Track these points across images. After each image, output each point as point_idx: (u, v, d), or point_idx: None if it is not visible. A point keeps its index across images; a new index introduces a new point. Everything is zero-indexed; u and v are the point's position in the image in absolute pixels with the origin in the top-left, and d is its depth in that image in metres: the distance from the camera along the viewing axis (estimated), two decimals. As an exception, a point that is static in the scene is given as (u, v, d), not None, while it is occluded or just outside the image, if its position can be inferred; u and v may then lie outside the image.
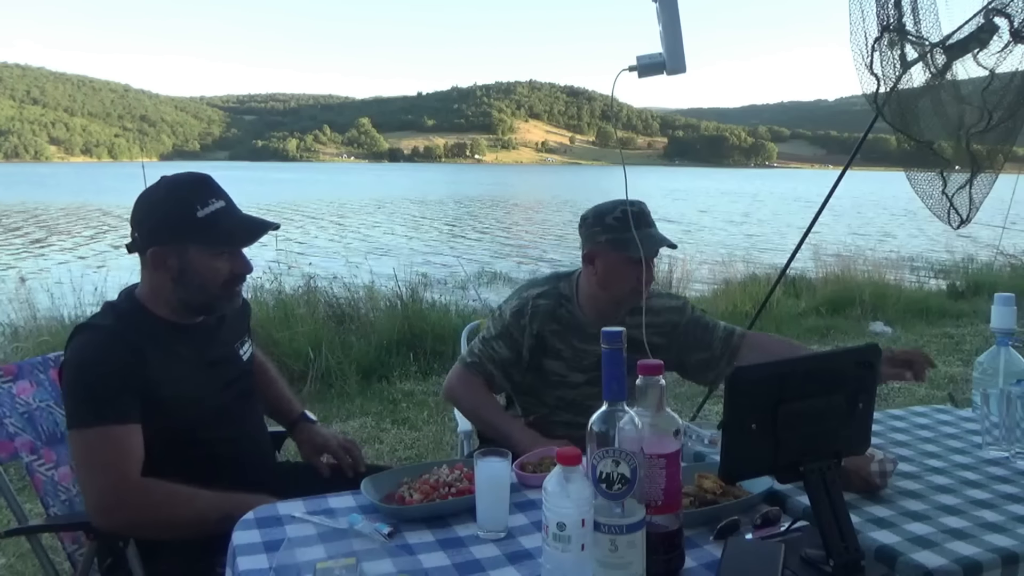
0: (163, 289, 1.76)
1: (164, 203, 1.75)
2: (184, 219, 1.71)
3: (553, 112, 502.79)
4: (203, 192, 1.75)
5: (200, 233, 1.72)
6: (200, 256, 1.73)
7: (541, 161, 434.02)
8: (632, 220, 2.11)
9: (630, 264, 2.13)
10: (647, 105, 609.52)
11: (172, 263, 1.73)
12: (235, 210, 1.80)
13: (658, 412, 1.21)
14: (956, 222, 3.05)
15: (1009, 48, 2.75)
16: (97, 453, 1.61)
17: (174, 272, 1.74)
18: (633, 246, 2.09)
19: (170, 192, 1.76)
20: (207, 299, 1.78)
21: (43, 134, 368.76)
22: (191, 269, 1.73)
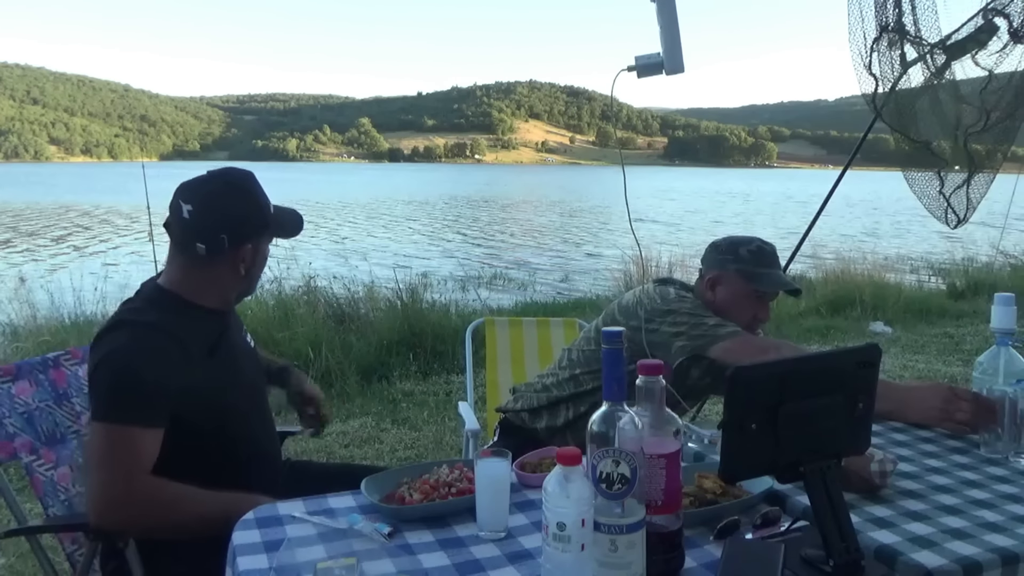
0: (223, 282, 1.81)
1: (247, 203, 1.82)
2: (263, 215, 1.82)
3: (553, 112, 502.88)
4: (261, 188, 1.86)
5: (274, 227, 1.85)
6: (263, 248, 1.86)
7: (541, 161, 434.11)
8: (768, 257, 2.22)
9: (754, 298, 2.21)
10: (647, 105, 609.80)
11: (248, 258, 1.81)
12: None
13: (658, 412, 1.21)
14: (953, 222, 3.05)
15: (1008, 48, 2.75)
16: (114, 451, 1.60)
17: (248, 265, 1.82)
18: (766, 281, 2.19)
19: (243, 189, 1.82)
20: (254, 287, 1.92)
21: (43, 134, 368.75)
22: (260, 261, 1.86)
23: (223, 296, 1.84)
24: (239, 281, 1.83)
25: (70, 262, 13.83)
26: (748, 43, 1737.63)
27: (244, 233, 1.78)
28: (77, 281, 6.40)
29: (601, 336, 1.24)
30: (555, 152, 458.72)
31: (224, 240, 1.75)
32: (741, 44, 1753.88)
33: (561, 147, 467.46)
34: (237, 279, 1.82)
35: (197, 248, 1.74)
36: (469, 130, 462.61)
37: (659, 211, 29.90)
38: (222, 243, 1.75)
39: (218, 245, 1.75)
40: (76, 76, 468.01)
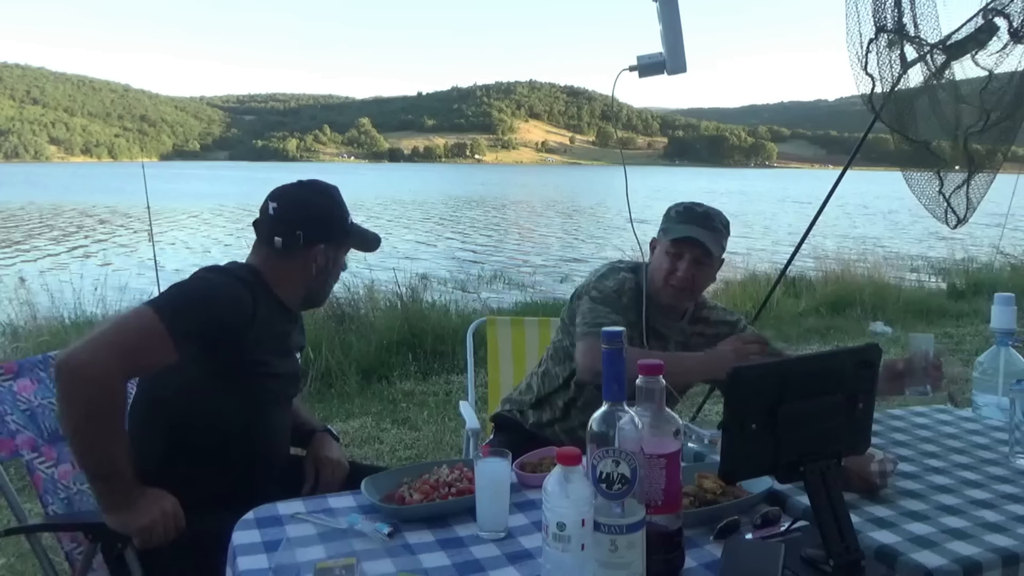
0: (294, 278, 1.92)
1: (326, 207, 1.96)
2: (344, 224, 1.97)
3: (553, 112, 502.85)
4: (345, 203, 2.00)
5: (352, 238, 1.99)
6: (339, 257, 1.99)
7: (541, 161, 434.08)
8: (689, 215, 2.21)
9: (668, 254, 2.21)
10: (647, 105, 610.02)
11: (322, 260, 1.93)
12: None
13: (658, 412, 1.21)
14: (953, 222, 3.05)
15: (1008, 48, 2.75)
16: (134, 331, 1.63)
17: (320, 267, 1.92)
18: (671, 232, 2.19)
19: (328, 197, 1.97)
20: (325, 294, 2.03)
21: (43, 134, 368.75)
22: (332, 268, 1.97)
23: (294, 292, 1.93)
24: (309, 280, 1.93)
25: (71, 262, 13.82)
26: (748, 43, 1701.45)
27: (319, 234, 1.91)
28: (77, 281, 6.41)
29: (601, 336, 1.24)
30: (555, 152, 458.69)
31: (300, 236, 1.89)
32: (741, 44, 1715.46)
33: (561, 147, 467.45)
34: (307, 278, 1.92)
35: (275, 241, 1.89)
36: (469, 130, 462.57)
37: (653, 211, 29.71)
38: (298, 239, 1.89)
39: (294, 240, 1.89)
40: (76, 76, 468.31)
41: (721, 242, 2.22)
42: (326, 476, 2.00)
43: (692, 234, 2.16)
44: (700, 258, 2.18)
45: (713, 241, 2.18)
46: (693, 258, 2.18)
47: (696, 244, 2.16)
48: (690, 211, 2.22)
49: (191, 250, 16.22)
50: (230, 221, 24.45)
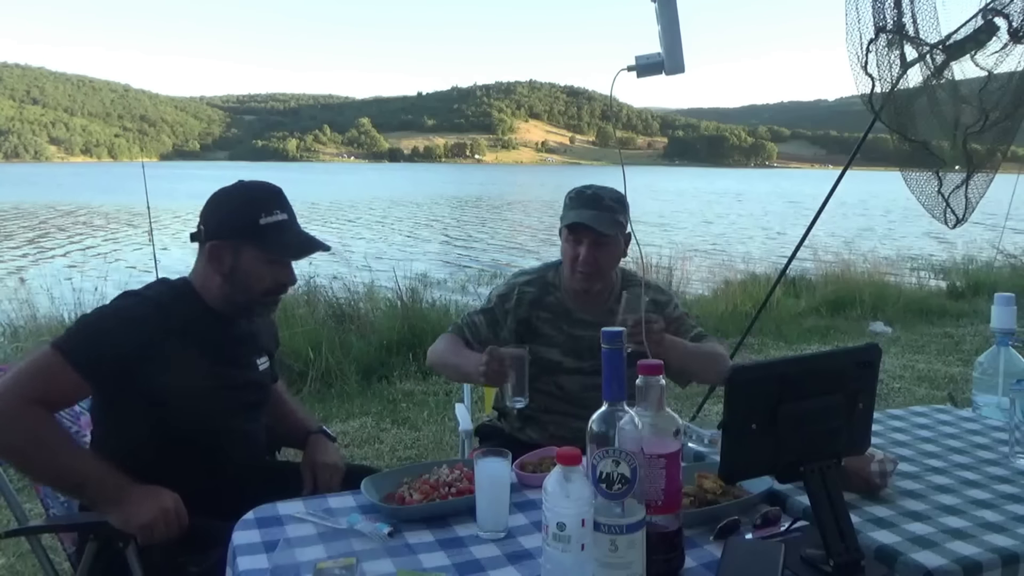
0: (212, 282, 1.86)
1: (233, 203, 1.88)
2: (247, 222, 1.83)
3: (553, 112, 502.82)
4: (271, 202, 1.87)
5: (258, 238, 1.83)
6: (252, 260, 1.84)
7: (541, 161, 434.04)
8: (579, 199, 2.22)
9: (568, 241, 2.23)
10: (647, 105, 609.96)
11: (227, 260, 1.84)
12: (295, 226, 1.91)
13: (658, 412, 1.21)
14: (952, 222, 3.05)
15: (1007, 48, 2.75)
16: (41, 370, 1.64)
17: (226, 269, 1.84)
18: (564, 219, 2.23)
19: (241, 195, 1.89)
20: (248, 301, 1.88)
21: (43, 134, 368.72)
22: (241, 269, 1.84)
23: (215, 296, 1.86)
24: (224, 283, 1.84)
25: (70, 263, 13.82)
26: (748, 43, 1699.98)
27: (220, 231, 1.84)
28: (77, 281, 6.41)
29: (601, 336, 1.24)
30: (555, 152, 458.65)
31: (202, 231, 1.86)
32: (741, 44, 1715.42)
33: (561, 147, 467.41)
34: (219, 279, 1.84)
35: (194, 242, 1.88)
36: (469, 130, 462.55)
37: (646, 211, 29.82)
38: (200, 233, 1.86)
39: (198, 234, 1.87)
40: (76, 76, 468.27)
41: (615, 219, 2.22)
42: (324, 480, 1.97)
43: (580, 220, 2.18)
44: (596, 240, 2.19)
45: (604, 221, 2.18)
46: (590, 241, 2.19)
47: (587, 228, 2.18)
48: (580, 195, 2.25)
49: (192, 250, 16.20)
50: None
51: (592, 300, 2.29)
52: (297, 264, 1.96)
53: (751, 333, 5.03)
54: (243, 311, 1.90)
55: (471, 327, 2.31)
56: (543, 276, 2.36)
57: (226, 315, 1.88)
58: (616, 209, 2.23)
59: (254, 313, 1.93)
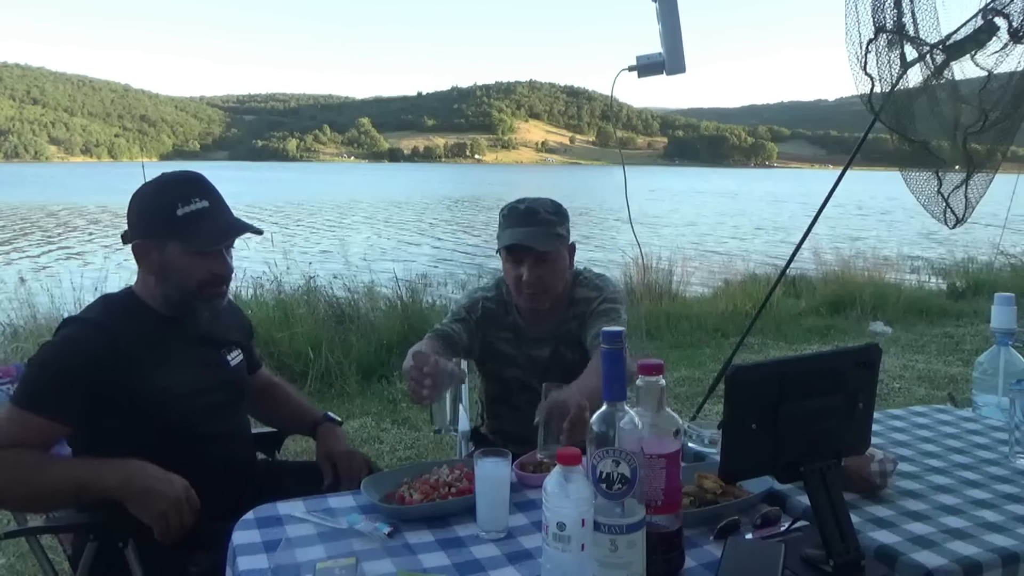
0: (150, 283, 1.81)
1: (150, 198, 1.80)
2: (164, 215, 1.75)
3: (553, 112, 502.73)
4: (187, 191, 1.78)
5: (177, 231, 1.74)
6: (178, 254, 1.76)
7: (541, 161, 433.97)
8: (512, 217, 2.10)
9: (508, 261, 2.12)
10: (647, 105, 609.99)
11: (154, 258, 1.78)
12: (219, 211, 1.81)
13: (658, 412, 1.21)
14: (952, 222, 3.05)
15: (1007, 49, 2.75)
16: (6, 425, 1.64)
17: (155, 267, 1.78)
18: (500, 241, 2.11)
19: (158, 188, 1.80)
20: (185, 297, 1.79)
21: (43, 134, 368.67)
22: (170, 266, 1.77)
23: (154, 297, 1.81)
24: (157, 282, 1.79)
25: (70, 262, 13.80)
26: (748, 43, 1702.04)
27: (141, 229, 1.78)
28: (77, 281, 6.40)
29: (601, 336, 1.24)
30: (555, 152, 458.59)
31: (127, 233, 1.81)
32: (741, 44, 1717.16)
33: (561, 147, 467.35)
34: (152, 279, 1.79)
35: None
36: (469, 130, 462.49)
37: (652, 211, 29.73)
38: (126, 236, 1.81)
39: (126, 236, 1.81)
40: (76, 76, 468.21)
41: (554, 231, 2.09)
42: (346, 469, 1.94)
43: (516, 240, 2.06)
44: (538, 257, 2.07)
45: (542, 237, 2.07)
46: (532, 260, 2.07)
47: (527, 250, 2.06)
48: (513, 212, 2.11)
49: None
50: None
51: (544, 317, 2.19)
52: (298, 264, 1.93)
53: (751, 333, 5.02)
54: (184, 309, 1.81)
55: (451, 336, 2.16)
56: (499, 293, 2.25)
57: (176, 318, 1.82)
58: (554, 221, 2.11)
59: (196, 310, 1.83)
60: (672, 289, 8.22)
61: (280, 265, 6.51)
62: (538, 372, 2.20)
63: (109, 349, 1.68)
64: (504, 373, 2.25)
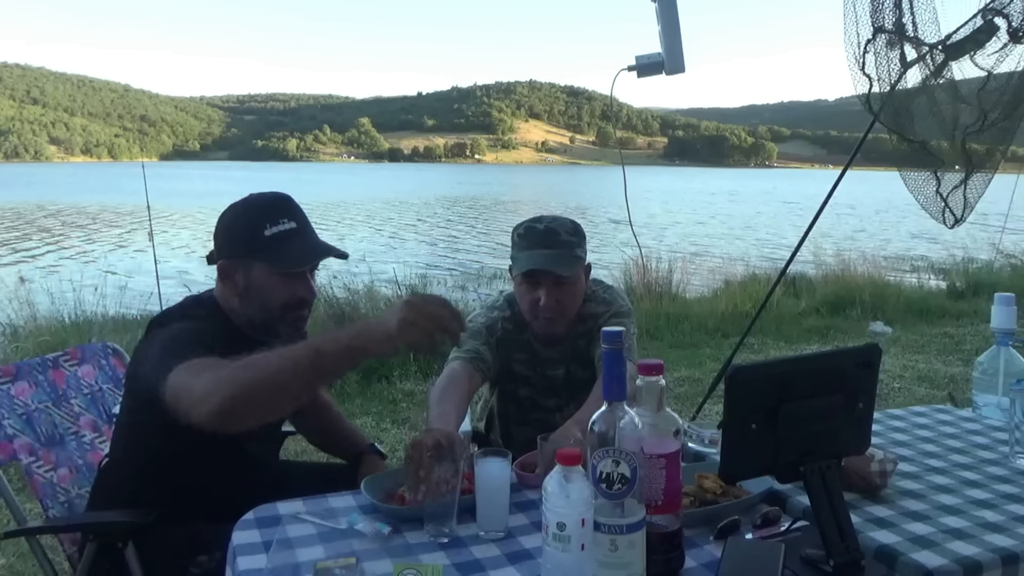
0: (232, 303, 1.79)
1: (238, 218, 1.79)
2: (252, 236, 1.74)
3: (553, 112, 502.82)
4: (275, 212, 1.77)
5: (264, 251, 1.73)
6: (263, 275, 1.74)
7: (541, 161, 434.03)
8: (531, 238, 2.03)
9: (523, 284, 2.04)
10: (647, 105, 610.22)
11: (238, 278, 1.76)
12: (305, 233, 1.80)
13: (658, 412, 1.21)
14: (951, 221, 3.05)
15: (1007, 49, 2.75)
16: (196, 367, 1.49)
17: (240, 288, 1.76)
18: (517, 264, 2.03)
19: (246, 208, 1.80)
20: (267, 319, 1.77)
21: (43, 134, 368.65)
22: (254, 287, 1.75)
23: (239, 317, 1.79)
24: (240, 303, 1.77)
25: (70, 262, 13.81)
26: (748, 43, 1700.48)
27: (228, 249, 1.78)
28: (77, 281, 6.41)
29: (601, 336, 1.24)
30: (555, 152, 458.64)
31: (213, 253, 1.80)
32: (741, 44, 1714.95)
33: (561, 147, 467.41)
34: (236, 299, 1.77)
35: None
36: (469, 130, 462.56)
37: (653, 211, 29.69)
38: (212, 256, 1.81)
39: (211, 256, 1.81)
40: (76, 76, 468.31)
41: (573, 253, 2.04)
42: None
43: (536, 265, 1.99)
44: (556, 281, 2.01)
45: (562, 260, 2.01)
46: (550, 284, 2.00)
47: (547, 274, 2.00)
48: (531, 233, 2.03)
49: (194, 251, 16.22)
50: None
51: (558, 337, 2.14)
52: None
53: (751, 333, 5.02)
54: (266, 332, 1.77)
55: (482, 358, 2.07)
56: (514, 313, 2.17)
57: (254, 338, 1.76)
58: (573, 243, 2.04)
59: (277, 334, 1.76)
60: (672, 289, 8.22)
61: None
62: (551, 392, 2.19)
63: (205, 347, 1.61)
64: (518, 392, 2.23)
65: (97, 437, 2.09)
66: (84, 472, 2.02)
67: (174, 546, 1.67)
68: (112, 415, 2.12)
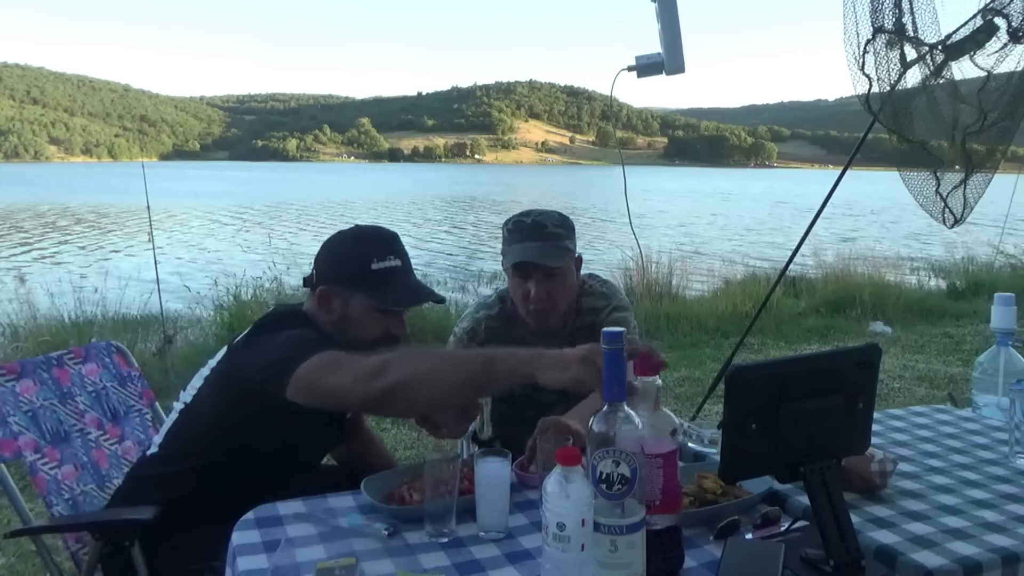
0: (320, 320, 1.80)
1: (346, 247, 1.83)
2: (358, 267, 1.77)
3: (553, 112, 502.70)
4: (384, 247, 1.81)
5: (368, 284, 1.76)
6: (362, 308, 1.77)
7: (541, 161, 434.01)
8: (519, 232, 2.05)
9: (514, 278, 2.07)
10: (647, 105, 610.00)
11: (336, 306, 1.78)
12: (408, 273, 1.84)
13: (655, 412, 1.22)
14: (950, 222, 3.05)
15: (1007, 49, 2.75)
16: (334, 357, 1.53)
17: (336, 316, 1.78)
18: (506, 258, 2.06)
19: (355, 239, 1.84)
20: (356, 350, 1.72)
21: (43, 134, 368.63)
22: (351, 317, 1.78)
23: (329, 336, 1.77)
24: (333, 327, 1.78)
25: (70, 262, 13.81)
26: (748, 43, 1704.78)
27: (331, 276, 1.79)
28: (77, 281, 6.41)
29: (602, 336, 1.24)
30: (555, 152, 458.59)
31: (313, 275, 1.82)
32: (741, 44, 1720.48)
33: (561, 147, 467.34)
34: (330, 326, 1.78)
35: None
36: (469, 130, 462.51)
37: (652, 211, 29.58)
38: (311, 278, 1.83)
39: (309, 279, 1.84)
40: (76, 76, 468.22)
41: (562, 245, 2.06)
42: None
43: (526, 257, 2.02)
44: (546, 273, 2.03)
45: (551, 253, 2.03)
46: (540, 276, 2.03)
47: (536, 266, 2.02)
48: (519, 227, 2.06)
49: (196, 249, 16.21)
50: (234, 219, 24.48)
51: (553, 330, 2.15)
52: (299, 264, 1.91)
53: (751, 333, 5.02)
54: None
55: None
56: (504, 308, 2.21)
57: None
58: (561, 235, 2.07)
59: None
60: (672, 289, 8.22)
61: (280, 265, 6.51)
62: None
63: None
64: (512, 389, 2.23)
65: (102, 435, 2.10)
66: (89, 469, 2.03)
67: (182, 549, 1.67)
68: (116, 413, 2.13)
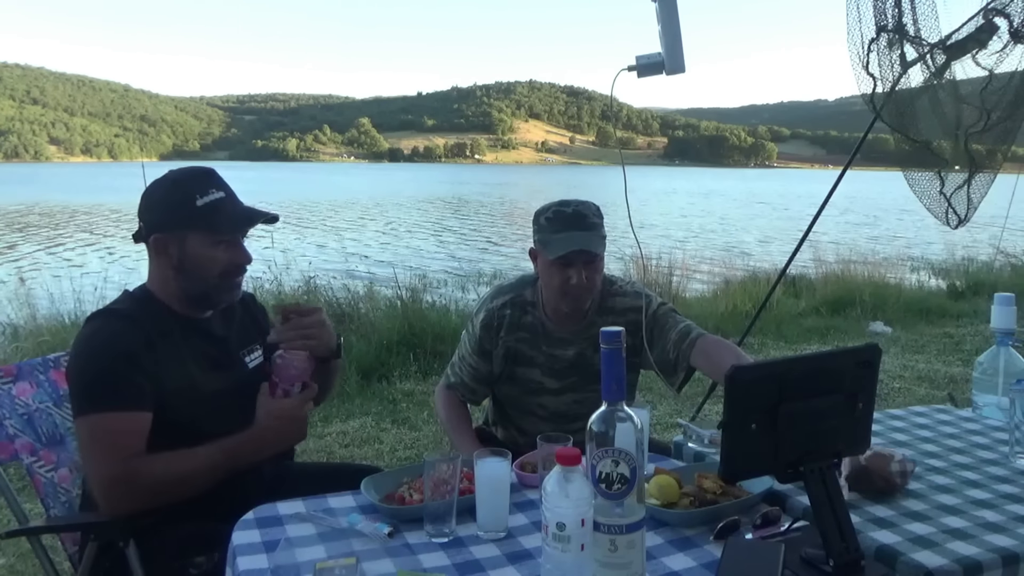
0: (167, 279, 1.80)
1: (166, 192, 1.81)
2: (183, 207, 1.76)
3: (553, 112, 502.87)
4: (204, 183, 1.80)
5: (198, 221, 1.76)
6: (198, 245, 1.77)
7: (541, 161, 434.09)
8: (561, 221, 2.08)
9: (555, 266, 2.08)
10: (647, 105, 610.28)
11: (173, 251, 1.78)
12: (235, 201, 1.84)
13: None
14: (954, 222, 3.05)
15: (1008, 48, 2.75)
16: (98, 441, 1.61)
17: (175, 260, 1.78)
18: (551, 248, 2.07)
19: (173, 182, 1.82)
20: (206, 288, 1.80)
21: (43, 134, 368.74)
22: (190, 257, 1.77)
23: (174, 296, 1.80)
24: (176, 276, 1.78)
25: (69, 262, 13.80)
26: (748, 43, 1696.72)
27: (160, 223, 1.78)
28: (77, 281, 6.40)
29: (600, 336, 1.24)
30: (555, 152, 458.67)
31: (142, 229, 1.81)
32: (741, 44, 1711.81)
33: (561, 147, 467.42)
34: (172, 272, 1.79)
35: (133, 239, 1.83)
36: (469, 130, 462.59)
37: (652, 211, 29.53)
38: (141, 232, 1.81)
39: (139, 234, 1.82)
40: (76, 76, 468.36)
41: (602, 233, 2.12)
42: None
43: (575, 246, 2.05)
44: (589, 260, 2.08)
45: (595, 240, 2.08)
46: (582, 263, 2.07)
47: (582, 253, 2.06)
48: (561, 216, 2.09)
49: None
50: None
51: (572, 317, 2.19)
52: (297, 264, 1.92)
53: (751, 333, 5.02)
54: (203, 302, 1.83)
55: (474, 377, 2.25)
56: (520, 295, 2.23)
57: (192, 316, 1.82)
58: (599, 222, 2.13)
59: (216, 302, 1.84)
60: (672, 289, 8.22)
61: (280, 265, 6.52)
62: (558, 372, 2.21)
63: (141, 342, 1.69)
64: (520, 374, 2.24)
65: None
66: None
67: (173, 546, 1.66)
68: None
